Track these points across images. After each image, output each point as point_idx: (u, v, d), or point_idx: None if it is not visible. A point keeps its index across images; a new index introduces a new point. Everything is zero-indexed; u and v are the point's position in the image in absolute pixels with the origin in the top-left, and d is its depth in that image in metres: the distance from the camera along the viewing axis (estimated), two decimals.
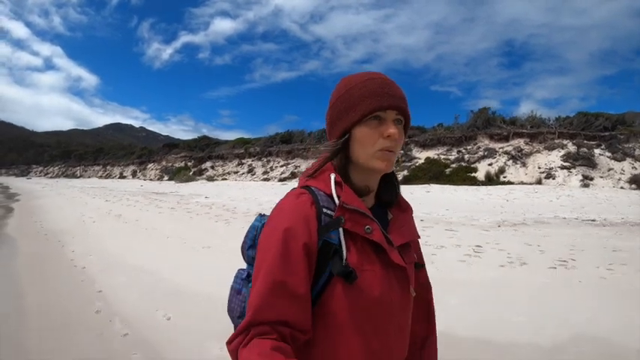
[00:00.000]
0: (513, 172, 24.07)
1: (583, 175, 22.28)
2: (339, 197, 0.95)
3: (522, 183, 22.36)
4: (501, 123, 28.57)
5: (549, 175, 22.93)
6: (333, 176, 0.99)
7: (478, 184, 22.31)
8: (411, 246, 1.11)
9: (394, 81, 1.04)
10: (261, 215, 1.11)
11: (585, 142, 25.56)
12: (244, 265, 1.13)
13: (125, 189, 29.11)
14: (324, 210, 0.95)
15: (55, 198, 21.35)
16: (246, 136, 49.85)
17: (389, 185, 1.12)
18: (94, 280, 5.47)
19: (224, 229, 9.65)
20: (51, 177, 77.21)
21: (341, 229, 0.92)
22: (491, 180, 22.98)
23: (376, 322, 0.93)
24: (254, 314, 0.83)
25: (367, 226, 0.94)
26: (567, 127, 27.34)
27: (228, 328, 0.98)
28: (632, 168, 22.98)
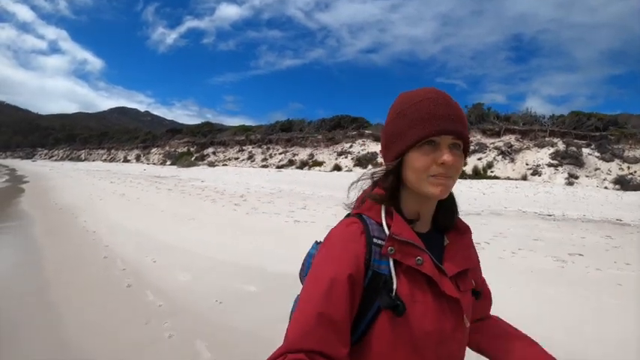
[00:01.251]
0: (501, 168, 25.19)
1: (569, 174, 23.27)
2: (389, 227, 0.95)
3: (508, 178, 23.40)
4: (494, 119, 29.60)
5: (535, 172, 23.95)
6: (383, 205, 0.99)
7: (465, 178, 23.43)
8: (468, 272, 1.07)
9: (451, 98, 0.99)
10: (317, 243, 1.13)
11: (575, 141, 26.50)
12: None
13: (129, 172, 31.12)
14: (375, 240, 0.94)
15: (63, 180, 23.02)
16: (250, 122, 51.39)
17: (446, 209, 1.09)
18: (102, 239, 7.01)
19: (209, 206, 11.50)
20: (56, 160, 79.04)
21: (392, 261, 0.92)
22: (477, 174, 24.16)
23: (426, 354, 0.92)
24: (291, 341, 0.84)
25: (418, 258, 0.93)
26: (560, 125, 28.37)
27: (192, 266, 2.00)
28: (619, 169, 23.81)
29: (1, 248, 6.59)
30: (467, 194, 17.27)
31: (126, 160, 56.07)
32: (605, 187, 21.77)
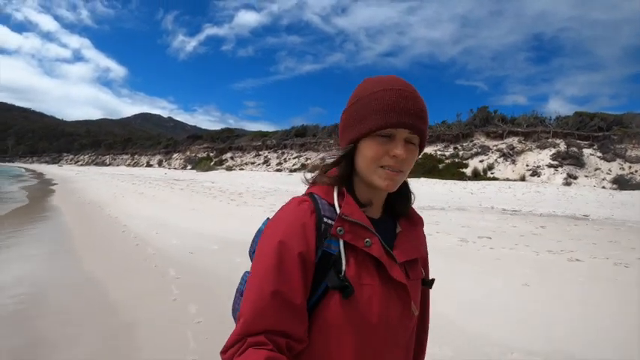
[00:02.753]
0: (502, 169, 26.48)
1: (568, 174, 24.28)
2: (340, 207, 0.95)
3: (507, 179, 24.64)
4: (499, 121, 30.93)
5: (535, 173, 25.15)
6: (336, 186, 0.99)
7: (465, 179, 24.94)
8: (418, 262, 1.09)
9: (415, 91, 0.97)
10: (269, 219, 1.09)
11: (578, 141, 27.45)
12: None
13: (150, 176, 33.97)
14: (325, 219, 0.94)
15: (89, 182, 25.67)
16: (271, 128, 53.75)
17: (402, 197, 1.10)
18: (122, 222, 9.15)
19: (208, 201, 14.34)
20: (81, 165, 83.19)
21: (341, 241, 0.92)
22: (477, 176, 25.53)
23: (372, 337, 0.92)
24: (247, 324, 0.83)
25: (367, 240, 0.94)
26: (563, 126, 29.36)
27: (181, 236, 3.85)
28: (620, 169, 24.71)
29: (42, 230, 8.71)
30: (455, 193, 19.03)
31: (149, 165, 59.28)
32: (603, 187, 22.69)
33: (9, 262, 5.90)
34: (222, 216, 10.48)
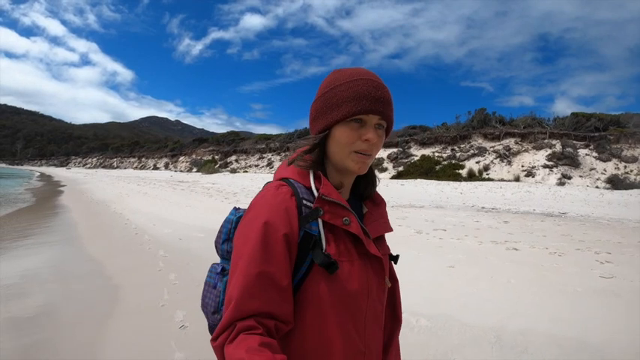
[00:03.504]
0: (497, 170, 27.34)
1: (562, 174, 25.12)
2: (317, 189, 1.00)
3: (502, 180, 25.46)
4: (496, 123, 31.81)
5: (529, 174, 25.94)
6: (311, 170, 1.05)
7: (460, 180, 25.81)
8: (385, 238, 1.19)
9: (382, 82, 1.07)
10: (236, 209, 1.16)
11: (574, 142, 28.19)
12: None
13: (156, 178, 35.49)
14: (304, 202, 0.99)
15: (97, 184, 27.16)
16: (278, 130, 55.17)
17: (367, 181, 1.19)
18: (127, 217, 10.35)
19: (204, 199, 16.10)
20: (89, 167, 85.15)
21: (320, 221, 0.98)
22: (472, 177, 26.41)
23: (354, 311, 0.99)
24: (237, 307, 0.86)
25: (345, 218, 1.00)
26: (560, 127, 30.19)
27: (179, 228, 5.08)
28: (615, 168, 25.46)
29: (54, 224, 9.93)
30: (445, 194, 20.10)
31: (155, 168, 60.80)
32: (597, 187, 23.41)
33: (37, 246, 7.23)
34: (213, 211, 11.80)
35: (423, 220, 10.36)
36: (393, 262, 1.23)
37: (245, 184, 25.77)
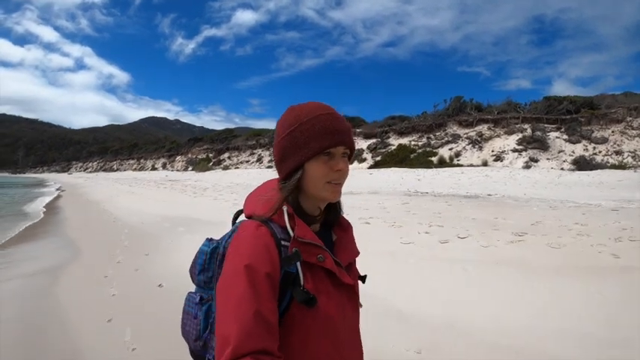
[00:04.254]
0: (468, 156, 29.19)
1: (530, 158, 26.91)
2: (292, 229, 1.07)
3: (471, 165, 27.30)
4: (471, 110, 33.78)
5: (498, 158, 27.81)
6: (285, 208, 1.10)
7: (432, 167, 27.74)
8: (354, 262, 1.29)
9: (338, 113, 1.16)
10: (209, 240, 1.22)
11: (545, 125, 30.06)
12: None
13: (151, 179, 38.22)
14: (282, 242, 1.07)
15: (94, 187, 29.80)
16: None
17: (333, 208, 1.26)
18: (114, 214, 12.60)
19: (176, 194, 18.80)
20: (90, 171, 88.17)
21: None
22: (442, 163, 28.38)
23: (333, 335, 1.09)
24: (235, 347, 0.90)
25: (319, 255, 1.09)
26: (533, 111, 32.00)
27: (146, 217, 7.87)
28: (584, 150, 27.15)
29: (53, 219, 12.37)
30: (406, 180, 22.24)
31: (154, 169, 63.32)
32: (562, 169, 25.10)
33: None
34: (176, 204, 14.37)
35: (350, 206, 12.53)
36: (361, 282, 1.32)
37: (229, 180, 28.30)
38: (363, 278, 1.33)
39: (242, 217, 1.19)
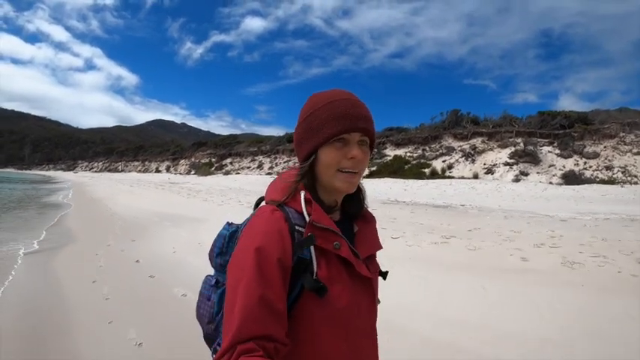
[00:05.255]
0: (460, 168, 30.14)
1: (520, 171, 27.66)
2: (309, 215, 1.07)
3: (462, 177, 28.08)
4: (467, 123, 34.88)
5: (489, 171, 28.68)
6: (302, 194, 1.10)
7: (424, 178, 28.72)
8: (375, 256, 1.27)
9: (359, 99, 1.14)
10: (229, 224, 1.23)
11: (539, 139, 30.89)
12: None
13: (152, 180, 40.20)
14: (297, 227, 1.06)
15: (98, 186, 31.68)
16: (282, 131, 58.58)
17: (355, 199, 1.25)
18: (112, 209, 14.25)
19: (171, 195, 20.89)
20: (95, 171, 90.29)
21: (312, 246, 1.04)
22: (434, 175, 29.37)
23: (346, 330, 1.06)
24: (238, 331, 0.90)
25: (336, 242, 1.07)
26: (527, 126, 32.81)
27: (140, 212, 9.78)
28: (575, 164, 27.73)
29: (62, 211, 13.75)
30: (394, 190, 23.56)
31: (157, 171, 65.09)
32: (550, 182, 25.73)
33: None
34: (169, 203, 16.04)
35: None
36: (381, 278, 1.29)
37: (225, 184, 30.09)
38: (384, 274, 1.29)
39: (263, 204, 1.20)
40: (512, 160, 29.32)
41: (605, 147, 29.05)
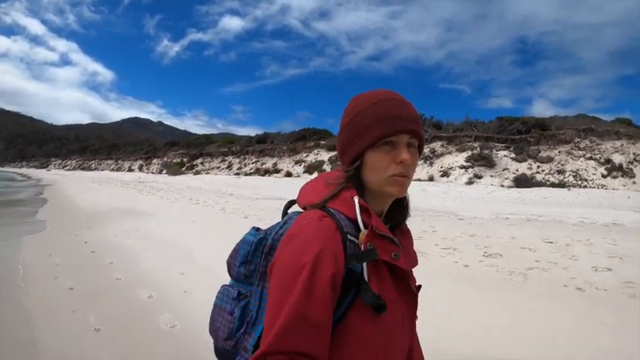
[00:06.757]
0: (418, 171, 30.68)
1: (474, 174, 29.29)
2: (365, 223, 1.00)
3: (419, 180, 29.32)
4: (428, 127, 36.62)
5: (445, 174, 30.45)
6: (357, 199, 1.03)
7: None
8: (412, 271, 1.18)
9: (405, 99, 1.08)
10: (256, 229, 1.17)
11: (496, 144, 32.78)
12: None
13: (122, 179, 41.71)
14: (349, 237, 0.98)
15: (67, 183, 33.56)
16: (259, 131, 60.24)
17: (399, 207, 1.18)
18: (78, 204, 16.17)
19: (133, 192, 22.94)
20: (68, 169, 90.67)
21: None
22: None
23: (389, 348, 1.00)
24: (273, 343, 0.87)
25: (394, 253, 1.01)
26: (486, 131, 34.70)
27: (99, 206, 13.84)
28: (528, 168, 29.34)
29: (35, 202, 15.44)
30: None
31: (130, 170, 66.24)
32: (502, 185, 27.13)
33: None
34: (129, 199, 17.89)
35: (245, 205, 15.90)
36: None
37: (187, 184, 31.81)
38: (419, 288, 1.19)
39: (295, 208, 1.17)
40: (468, 164, 30.74)
41: (559, 152, 30.46)
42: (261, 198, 19.25)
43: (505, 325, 4.38)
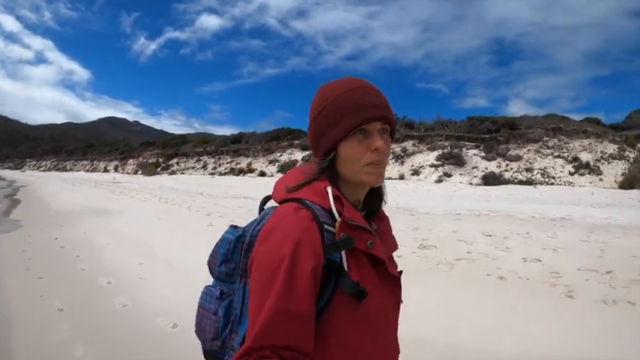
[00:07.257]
0: (389, 170, 31.41)
1: (444, 173, 30.06)
2: (339, 212, 1.01)
3: (389, 178, 29.73)
4: (400, 127, 37.27)
5: (416, 172, 31.23)
6: (330, 189, 1.04)
7: None
8: (392, 255, 1.23)
9: (374, 86, 1.10)
10: (234, 227, 1.18)
11: (466, 143, 33.62)
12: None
13: (97, 180, 41.97)
14: (325, 226, 1.00)
15: (42, 185, 33.68)
16: (236, 130, 60.32)
17: (375, 194, 1.21)
18: (51, 204, 16.96)
19: (104, 192, 23.74)
20: (43, 170, 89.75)
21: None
22: None
23: (374, 332, 1.03)
24: (256, 339, 0.87)
25: (370, 241, 1.04)
26: (457, 130, 35.66)
27: (73, 206, 17.18)
28: (497, 166, 30.08)
29: (9, 204, 16.04)
30: None
31: (105, 171, 65.94)
32: (470, 183, 27.90)
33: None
34: (102, 199, 18.57)
35: (211, 204, 16.56)
36: None
37: (159, 184, 32.15)
38: (400, 273, 1.21)
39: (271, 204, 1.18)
40: (438, 162, 31.45)
41: (528, 150, 31.17)
42: (229, 197, 19.67)
43: (428, 310, 4.76)
